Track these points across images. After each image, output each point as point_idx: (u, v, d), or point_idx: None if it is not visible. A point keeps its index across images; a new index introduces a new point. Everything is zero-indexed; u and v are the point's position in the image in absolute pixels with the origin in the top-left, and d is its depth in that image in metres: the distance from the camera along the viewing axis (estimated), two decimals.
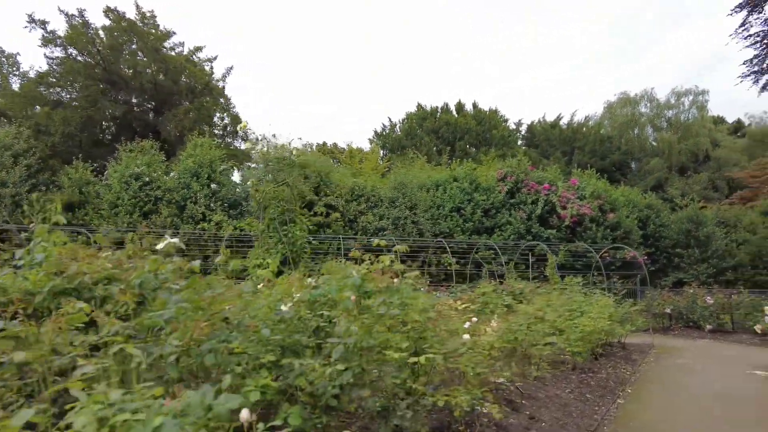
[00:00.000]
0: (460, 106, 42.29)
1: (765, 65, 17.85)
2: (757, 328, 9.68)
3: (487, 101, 72.45)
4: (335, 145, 38.76)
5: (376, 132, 43.51)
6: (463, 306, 5.95)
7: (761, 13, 17.62)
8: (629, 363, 8.79)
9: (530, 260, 16.63)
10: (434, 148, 39.84)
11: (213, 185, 17.38)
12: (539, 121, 42.05)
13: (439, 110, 42.15)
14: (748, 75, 18.57)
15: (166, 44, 29.84)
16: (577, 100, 70.85)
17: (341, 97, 79.41)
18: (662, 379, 7.77)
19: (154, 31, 28.80)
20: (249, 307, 3.45)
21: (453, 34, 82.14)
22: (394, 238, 15.98)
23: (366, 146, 41.06)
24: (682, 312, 14.01)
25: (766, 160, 28.99)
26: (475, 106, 42.14)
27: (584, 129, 39.67)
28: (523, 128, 43.10)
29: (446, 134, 40.05)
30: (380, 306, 3.67)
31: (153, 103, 30.07)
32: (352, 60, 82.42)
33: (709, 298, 13.38)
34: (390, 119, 43.47)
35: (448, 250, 16.06)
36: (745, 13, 17.86)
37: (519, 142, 41.00)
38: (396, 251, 4.88)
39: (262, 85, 77.83)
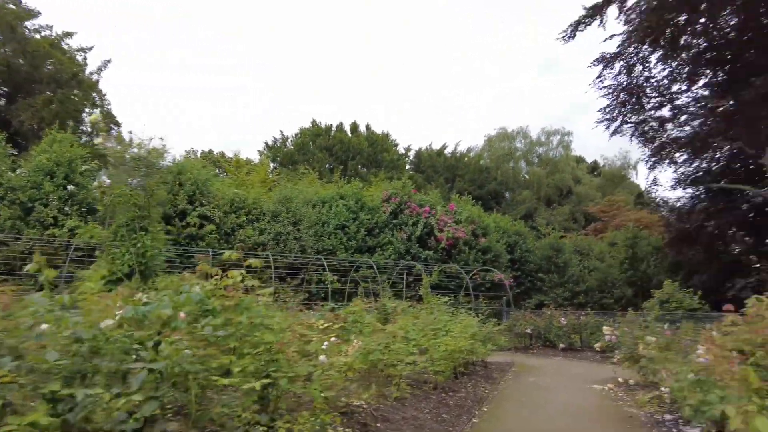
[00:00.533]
0: (354, 127, 42.92)
1: (615, 114, 20.38)
2: (597, 346, 10.78)
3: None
4: (222, 154, 37.12)
5: (267, 144, 42.44)
6: (326, 325, 5.75)
7: (612, 69, 20.20)
8: (489, 381, 9.19)
9: (407, 280, 17.03)
10: (327, 166, 39.88)
11: (70, 187, 15.44)
12: (426, 148, 44.02)
13: (334, 128, 42.38)
14: (602, 121, 21.07)
15: (29, 24, 26.50)
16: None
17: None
18: (517, 397, 8.19)
19: (13, 6, 25.42)
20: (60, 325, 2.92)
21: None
22: (271, 254, 15.41)
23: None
24: (541, 332, 15.20)
25: (614, 198, 33.22)
26: (368, 128, 43.05)
27: (466, 159, 42.31)
28: (412, 153, 44.83)
29: (339, 153, 40.32)
30: (209, 326, 3.31)
31: (5, 88, 26.35)
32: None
33: (563, 319, 14.70)
34: (282, 132, 42.70)
35: (327, 267, 15.88)
36: (600, 67, 20.35)
37: (407, 167, 42.50)
38: (250, 265, 4.56)
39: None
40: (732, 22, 18.59)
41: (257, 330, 4.31)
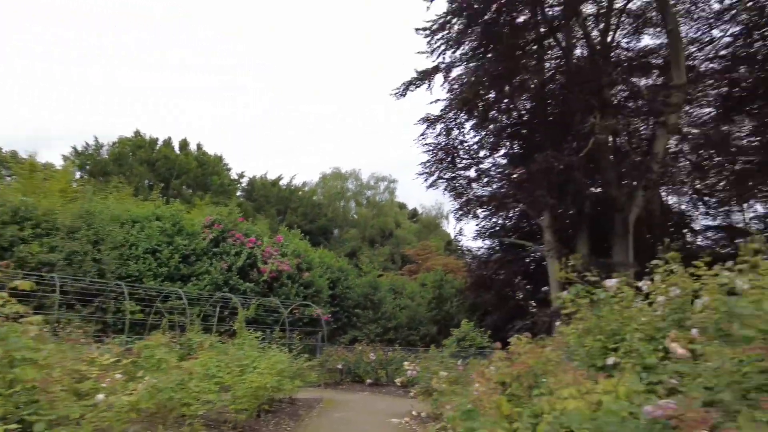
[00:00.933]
0: (184, 144, 40.30)
1: (432, 169, 22.70)
2: (398, 381, 11.52)
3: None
4: (15, 153, 31.43)
5: (75, 149, 37.17)
6: (112, 361, 5.14)
7: (434, 129, 22.64)
8: (293, 419, 9.10)
9: (222, 313, 16.16)
10: (146, 182, 36.54)
11: None
12: (261, 177, 43.30)
13: (161, 142, 39.22)
14: (422, 174, 23.27)
15: None
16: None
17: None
18: None
19: None
20: None
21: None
22: (59, 276, 13.32)
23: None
24: (351, 367, 15.66)
25: (428, 243, 36.59)
26: (199, 147, 40.86)
27: (300, 192, 42.68)
28: (245, 180, 43.59)
29: (163, 170, 37.31)
30: None
31: None
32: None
33: (372, 354, 15.39)
34: (96, 138, 37.88)
35: (128, 295, 14.28)
36: (425, 126, 22.63)
37: (238, 194, 41.14)
38: (16, 287, 3.89)
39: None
40: (527, 107, 22.51)
41: (17, 365, 3.67)
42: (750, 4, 18.39)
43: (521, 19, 20.14)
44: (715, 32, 20.15)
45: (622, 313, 5.45)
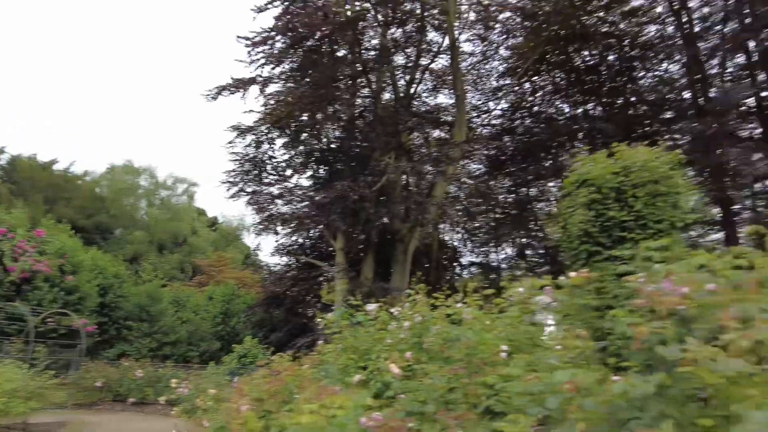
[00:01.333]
0: None
1: (237, 179, 22.22)
2: (162, 399, 10.91)
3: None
4: None
5: None
6: None
7: (245, 139, 22.30)
8: None
9: None
10: None
11: None
12: (29, 156, 36.45)
13: None
14: (226, 183, 22.57)
15: None
16: None
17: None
18: None
19: None
20: None
21: None
22: None
23: None
24: (113, 385, 14.14)
25: (225, 254, 35.22)
26: None
27: (79, 182, 37.10)
28: (5, 158, 36.12)
29: None
30: None
31: None
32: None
33: (140, 371, 14.14)
34: None
35: None
36: (235, 134, 22.12)
37: None
38: None
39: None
40: (337, 135, 23.77)
41: None
42: (517, 89, 22.91)
43: (341, 53, 21.45)
44: (491, 104, 24.51)
45: (374, 335, 6.24)
